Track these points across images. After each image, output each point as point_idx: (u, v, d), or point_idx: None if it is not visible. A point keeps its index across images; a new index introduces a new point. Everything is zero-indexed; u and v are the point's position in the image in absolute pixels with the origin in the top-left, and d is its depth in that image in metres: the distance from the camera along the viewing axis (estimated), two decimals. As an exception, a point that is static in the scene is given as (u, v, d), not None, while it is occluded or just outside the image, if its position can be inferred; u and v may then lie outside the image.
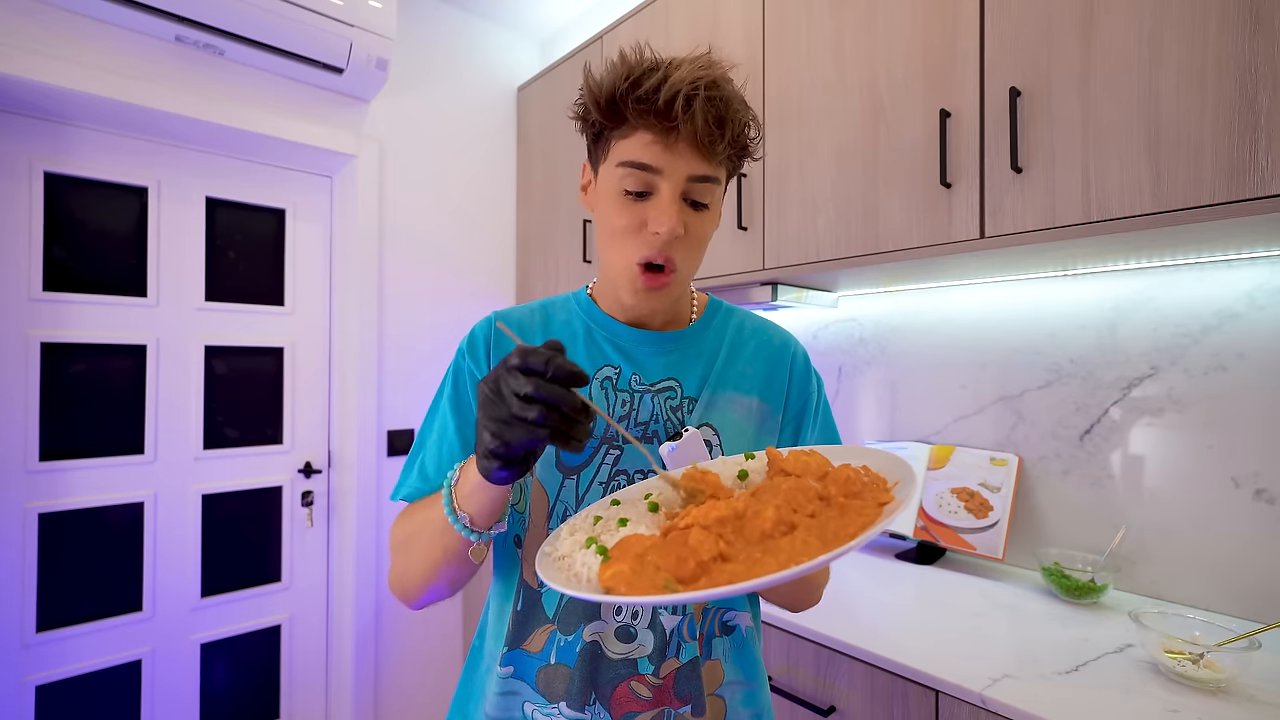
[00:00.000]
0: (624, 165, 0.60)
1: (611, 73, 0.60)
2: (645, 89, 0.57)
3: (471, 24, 2.23)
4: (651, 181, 0.60)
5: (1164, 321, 1.18)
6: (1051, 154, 1.00)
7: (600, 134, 0.63)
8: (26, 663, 1.51)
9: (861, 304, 1.66)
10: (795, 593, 0.70)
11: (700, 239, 0.64)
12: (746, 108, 0.62)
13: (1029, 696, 0.82)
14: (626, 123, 0.60)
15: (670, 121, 0.57)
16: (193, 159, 1.76)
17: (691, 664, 0.64)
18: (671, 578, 0.39)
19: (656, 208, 0.60)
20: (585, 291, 0.75)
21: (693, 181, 0.60)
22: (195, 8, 1.50)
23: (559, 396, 0.44)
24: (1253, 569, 1.07)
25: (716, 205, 0.65)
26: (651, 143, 0.59)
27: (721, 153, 0.60)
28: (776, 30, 1.42)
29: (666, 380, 0.69)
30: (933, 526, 1.38)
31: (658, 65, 0.58)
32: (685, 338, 0.71)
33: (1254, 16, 0.82)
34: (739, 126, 0.61)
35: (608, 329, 0.70)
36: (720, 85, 0.58)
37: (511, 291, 2.35)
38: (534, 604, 0.64)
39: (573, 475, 0.65)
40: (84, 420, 1.61)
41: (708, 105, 0.57)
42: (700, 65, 0.58)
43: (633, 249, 0.62)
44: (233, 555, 1.82)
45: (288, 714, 1.90)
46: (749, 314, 0.78)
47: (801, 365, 0.75)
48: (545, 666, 0.63)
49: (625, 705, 0.62)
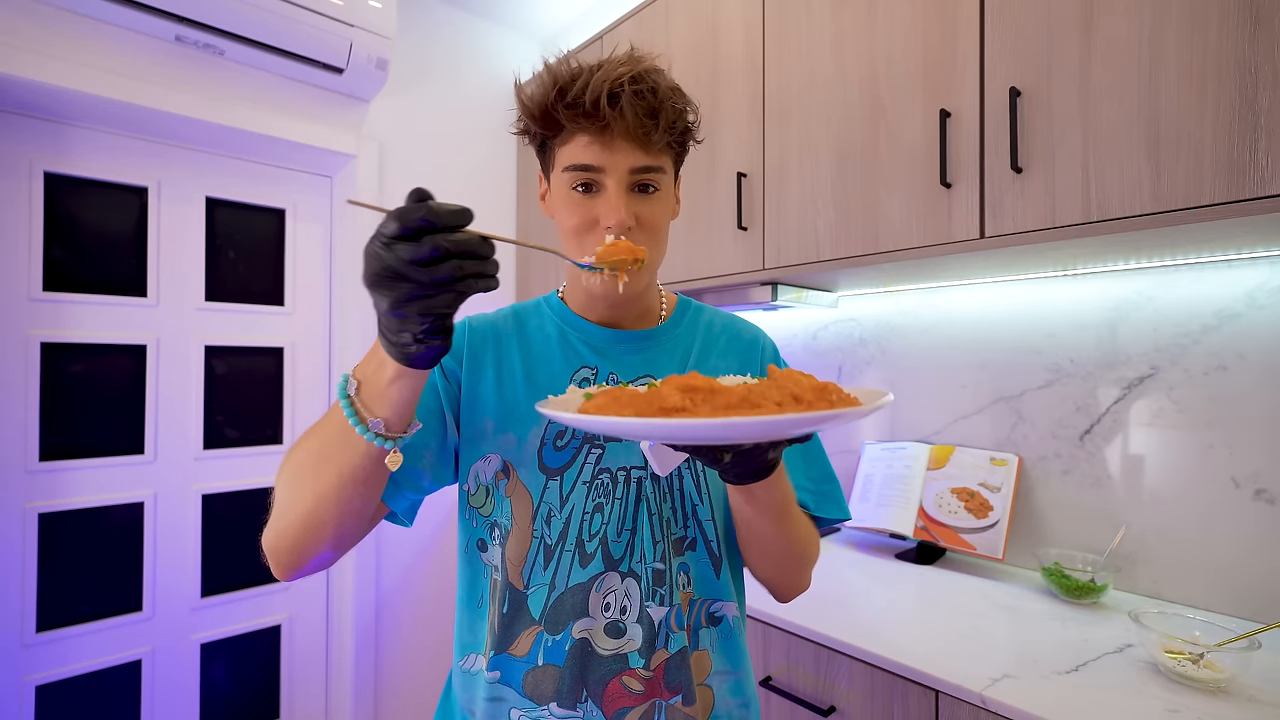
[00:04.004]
0: (569, 169, 0.63)
1: (540, 85, 0.62)
2: (572, 95, 0.60)
3: (471, 24, 2.23)
4: (596, 179, 0.62)
5: (1164, 321, 1.18)
6: (1051, 154, 1.00)
7: (544, 144, 0.66)
8: (26, 663, 1.51)
9: (861, 304, 1.66)
10: (783, 564, 0.68)
11: (655, 226, 0.65)
12: (680, 94, 0.64)
13: (1029, 696, 0.82)
14: (563, 129, 0.62)
15: (601, 121, 0.59)
16: (193, 159, 1.76)
17: (680, 654, 0.64)
18: (634, 413, 0.42)
19: (605, 203, 0.62)
20: (556, 295, 0.75)
21: (636, 173, 0.62)
22: (195, 8, 1.50)
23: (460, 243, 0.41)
24: (1253, 569, 1.07)
25: (668, 191, 0.67)
26: (589, 143, 0.61)
27: (659, 141, 0.62)
28: (776, 30, 1.42)
29: (643, 378, 0.70)
30: (933, 526, 1.38)
31: (581, 70, 0.61)
32: (658, 335, 0.73)
33: (1254, 16, 0.82)
34: (673, 114, 0.62)
35: (581, 330, 0.71)
36: (646, 78, 0.60)
37: (511, 291, 2.35)
38: (520, 606, 0.64)
39: (556, 476, 0.65)
40: (84, 420, 1.61)
41: (635, 99, 0.59)
42: (622, 62, 0.60)
43: (587, 246, 0.63)
44: (233, 555, 1.82)
45: (288, 714, 1.90)
46: (717, 311, 0.80)
47: (771, 356, 0.77)
48: (533, 669, 0.63)
49: (617, 701, 0.62)
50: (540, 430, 0.66)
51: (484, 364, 0.69)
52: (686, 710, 0.64)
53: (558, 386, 0.68)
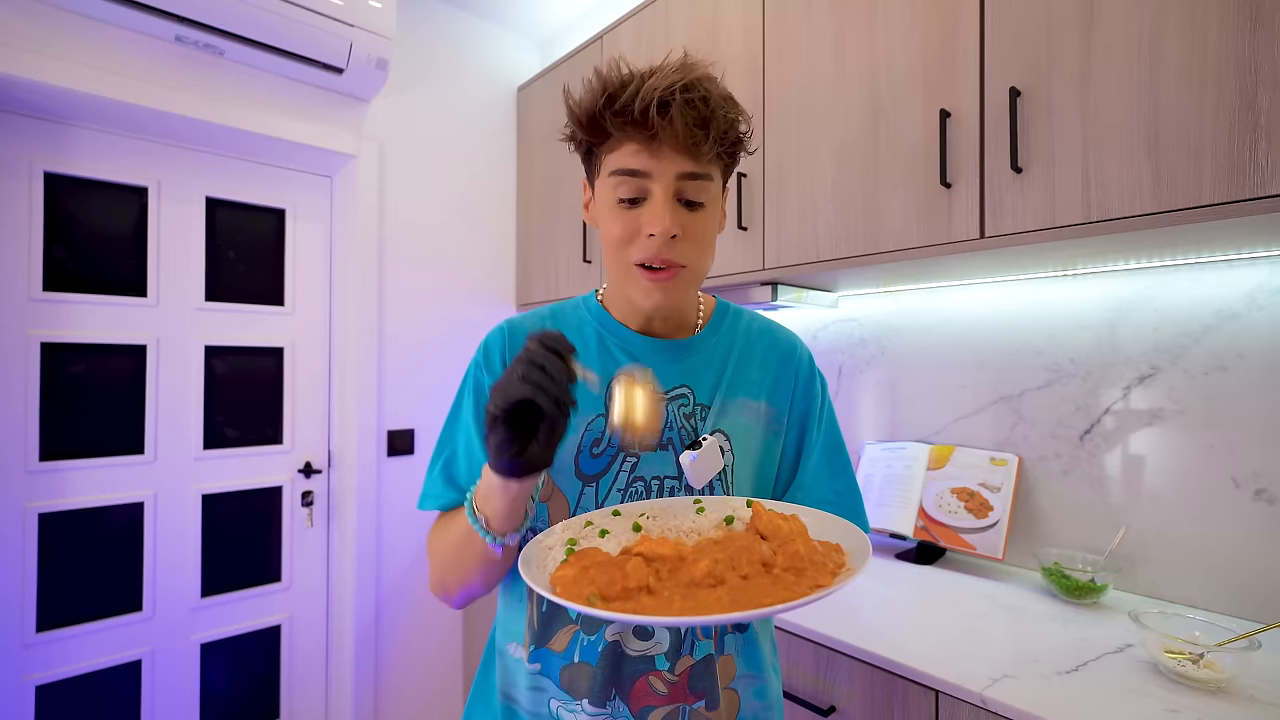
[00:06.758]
0: (615, 174, 0.62)
1: (589, 92, 0.61)
2: (621, 103, 0.58)
3: (471, 24, 2.23)
4: (643, 186, 0.61)
5: (1164, 322, 1.18)
6: (1051, 154, 1.00)
7: (590, 151, 0.65)
8: (26, 663, 1.51)
9: (861, 304, 1.66)
10: None
11: (702, 238, 0.64)
12: (732, 104, 0.62)
13: (1029, 696, 0.82)
14: (611, 137, 0.61)
15: (650, 130, 0.58)
16: (193, 159, 1.76)
17: (705, 660, 0.65)
18: (597, 593, 0.45)
19: (650, 211, 0.61)
20: (595, 297, 0.75)
21: (683, 180, 0.61)
22: (195, 8, 1.50)
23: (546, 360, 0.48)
24: (1253, 569, 1.07)
25: (715, 203, 0.65)
26: (638, 151, 0.60)
27: (709, 151, 0.60)
28: (776, 30, 1.41)
29: (679, 388, 0.69)
30: (933, 526, 1.38)
31: (632, 77, 0.60)
32: (696, 344, 0.72)
33: (1254, 16, 0.82)
34: (724, 124, 0.61)
35: (620, 336, 0.71)
36: (699, 86, 0.59)
37: (512, 291, 2.35)
38: (558, 607, 0.65)
39: (592, 483, 0.66)
40: (84, 420, 1.61)
41: (686, 108, 0.58)
42: (674, 70, 0.59)
43: (630, 254, 0.63)
44: (233, 555, 1.82)
45: (288, 714, 1.90)
46: (755, 315, 0.78)
47: (807, 368, 0.76)
48: (569, 665, 0.65)
49: (643, 700, 0.64)
50: (577, 438, 0.66)
51: None
52: (710, 715, 0.65)
53: (593, 393, 0.68)
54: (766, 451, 0.71)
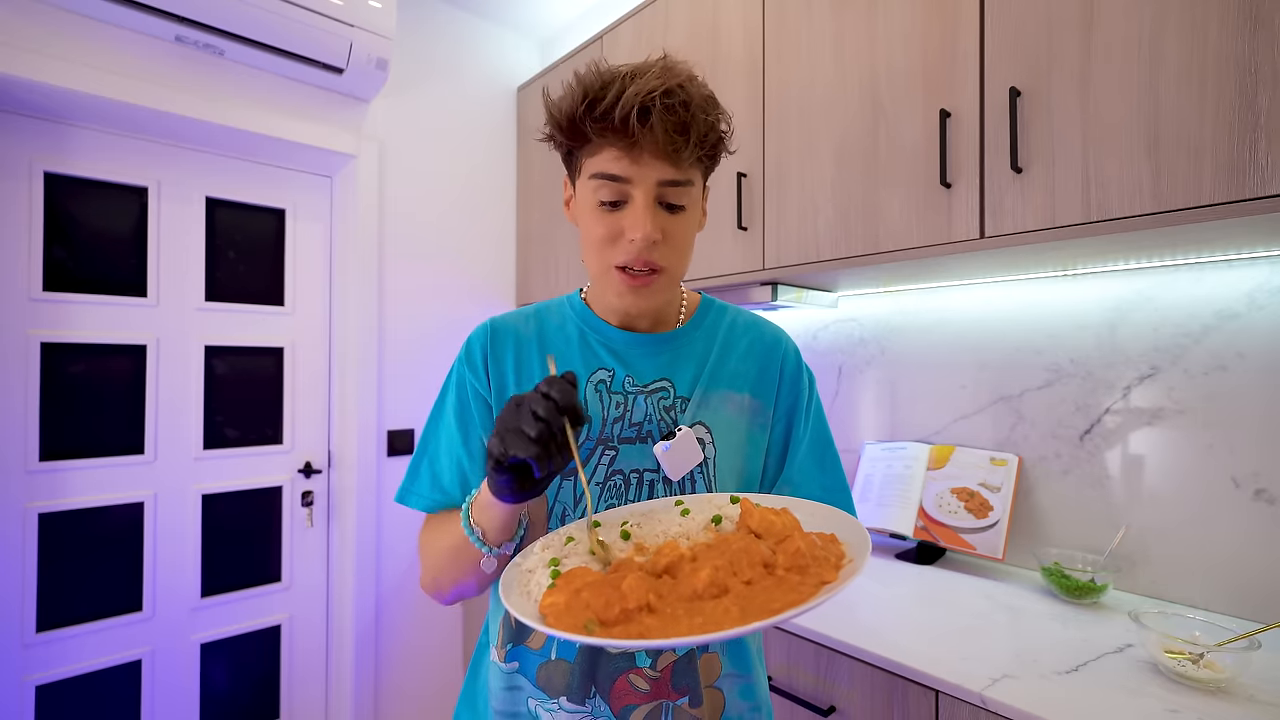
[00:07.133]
0: (596, 177, 0.61)
1: (569, 95, 0.61)
2: (601, 108, 0.58)
3: (471, 24, 2.23)
4: (623, 190, 0.61)
5: (1164, 321, 1.18)
6: (1051, 154, 1.00)
7: (570, 152, 0.65)
8: (26, 663, 1.51)
9: (861, 304, 1.66)
10: None
11: (681, 241, 0.64)
12: (713, 105, 0.62)
13: (1029, 696, 0.82)
14: (591, 141, 0.61)
15: (631, 136, 0.58)
16: (193, 159, 1.76)
17: (688, 657, 0.65)
18: (594, 619, 0.42)
19: (631, 216, 0.61)
20: (579, 295, 0.75)
21: (664, 186, 0.61)
22: (195, 8, 1.50)
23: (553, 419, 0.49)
24: (1253, 569, 1.07)
25: (696, 204, 0.65)
26: (619, 157, 0.60)
27: (689, 157, 0.60)
28: (776, 30, 1.41)
29: (659, 381, 0.70)
30: (933, 526, 1.38)
31: (613, 80, 0.59)
32: (677, 338, 0.72)
33: (1254, 16, 0.82)
34: (704, 128, 0.60)
35: (601, 333, 0.71)
36: (680, 90, 0.58)
37: (512, 291, 2.35)
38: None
39: (570, 477, 0.66)
40: (84, 420, 1.61)
41: (666, 114, 0.57)
42: (655, 75, 0.58)
43: (611, 256, 0.63)
44: (233, 555, 1.82)
45: (288, 714, 1.90)
46: (741, 311, 0.78)
47: (793, 362, 0.76)
48: (546, 663, 0.64)
49: (624, 698, 0.63)
50: None
51: (504, 367, 0.70)
52: (693, 712, 0.64)
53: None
54: (751, 445, 0.71)
